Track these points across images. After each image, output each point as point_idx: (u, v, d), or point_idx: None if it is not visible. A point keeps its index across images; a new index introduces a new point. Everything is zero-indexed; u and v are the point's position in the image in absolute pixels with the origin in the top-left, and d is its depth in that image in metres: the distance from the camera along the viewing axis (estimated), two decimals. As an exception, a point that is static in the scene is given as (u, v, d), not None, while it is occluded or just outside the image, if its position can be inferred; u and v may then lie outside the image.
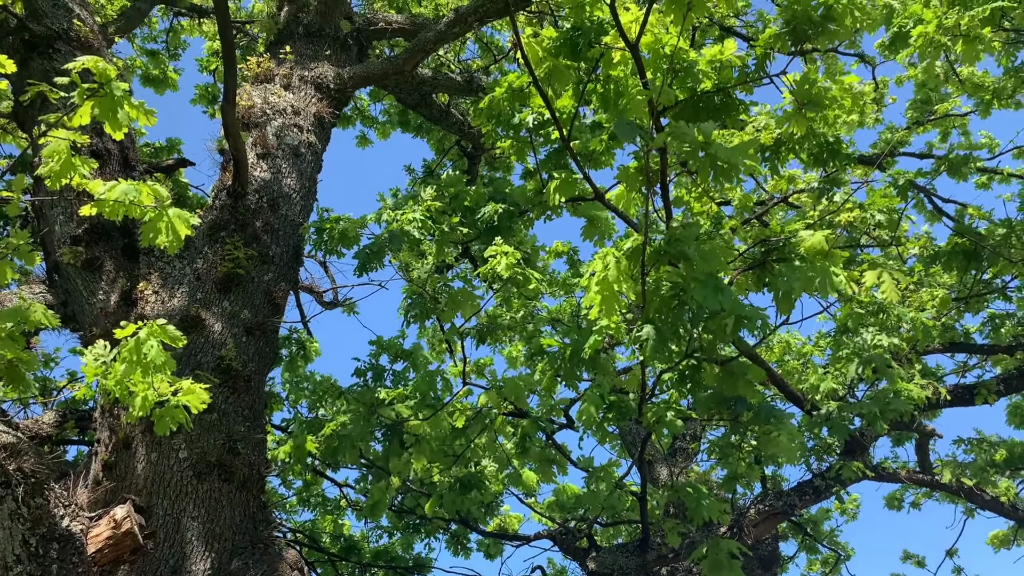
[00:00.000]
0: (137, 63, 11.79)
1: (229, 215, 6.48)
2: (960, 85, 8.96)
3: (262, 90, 7.53)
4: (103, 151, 6.50)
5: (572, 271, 9.62)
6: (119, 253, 6.29)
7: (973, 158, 8.99)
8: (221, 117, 6.18)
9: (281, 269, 6.58)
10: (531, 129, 6.13)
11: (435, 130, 12.60)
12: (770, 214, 9.02)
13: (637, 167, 5.27)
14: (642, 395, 5.11)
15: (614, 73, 5.76)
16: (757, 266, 6.11)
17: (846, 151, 5.84)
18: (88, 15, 7.14)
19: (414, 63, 8.16)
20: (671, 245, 4.22)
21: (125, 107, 3.84)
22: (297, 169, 7.12)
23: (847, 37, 5.19)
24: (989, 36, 6.40)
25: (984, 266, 8.14)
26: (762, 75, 5.49)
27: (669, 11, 5.14)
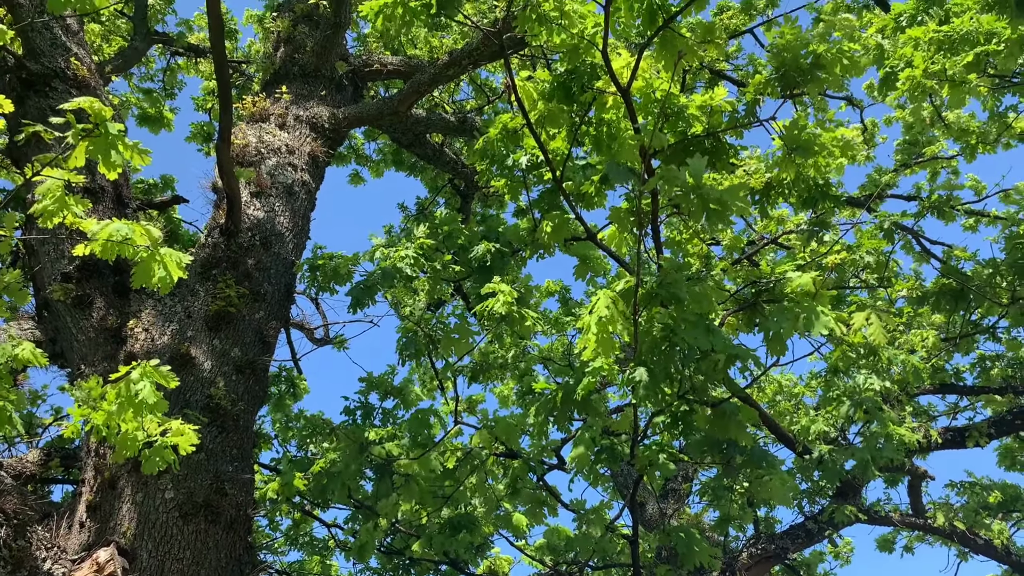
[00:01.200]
0: (133, 100, 11.87)
1: (222, 253, 6.48)
2: (946, 129, 9.11)
3: (257, 129, 7.58)
4: (97, 188, 6.51)
5: (564, 310, 9.63)
6: (110, 290, 6.27)
7: (955, 199, 9.11)
8: (216, 156, 6.21)
9: (273, 307, 6.57)
10: (524, 169, 6.19)
11: (428, 169, 12.69)
12: (760, 255, 9.09)
13: (628, 208, 5.32)
14: (634, 438, 5.09)
15: (606, 116, 5.84)
16: (747, 307, 6.14)
17: (835, 194, 5.91)
18: (86, 54, 7.20)
19: (408, 104, 8.25)
20: (663, 287, 4.24)
21: (119, 147, 3.86)
22: (290, 207, 7.15)
23: (836, 85, 5.28)
24: (975, 81, 6.53)
25: (972, 307, 8.20)
26: (752, 120, 5.57)
27: (660, 56, 5.23)
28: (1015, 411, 9.02)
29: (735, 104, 5.53)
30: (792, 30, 5.16)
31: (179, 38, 11.02)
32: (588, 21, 5.21)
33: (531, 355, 7.36)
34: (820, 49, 5.14)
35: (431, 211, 12.57)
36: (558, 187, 5.89)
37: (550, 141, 6.02)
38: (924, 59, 6.09)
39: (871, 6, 10.79)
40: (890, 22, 6.89)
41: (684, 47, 5.08)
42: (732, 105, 5.54)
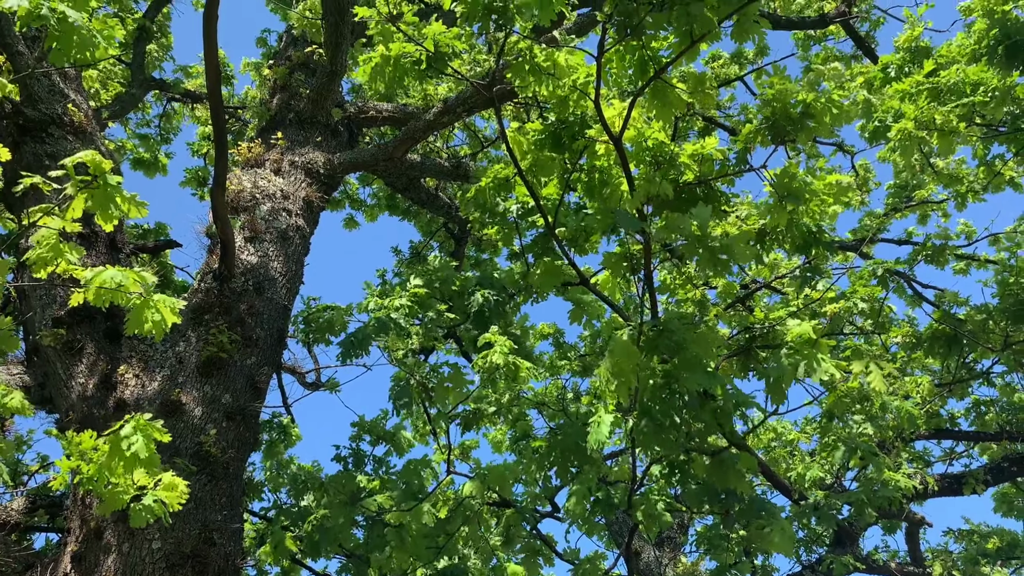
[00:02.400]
0: (128, 146, 11.94)
1: (214, 298, 6.46)
2: (936, 176, 9.22)
3: (252, 175, 7.62)
4: (91, 234, 6.51)
5: (558, 353, 9.61)
6: (101, 336, 6.22)
7: (951, 248, 9.19)
8: (210, 201, 6.23)
9: (265, 353, 6.53)
10: (517, 216, 6.22)
11: (422, 213, 12.76)
12: (754, 299, 9.11)
13: (621, 253, 5.34)
14: (631, 487, 5.03)
15: (598, 163, 5.90)
16: (742, 352, 6.14)
17: (827, 240, 5.95)
18: (83, 100, 7.26)
19: (403, 150, 8.32)
20: (664, 335, 4.24)
21: (118, 200, 3.88)
22: (284, 252, 7.15)
23: (826, 133, 5.34)
24: (964, 131, 6.63)
25: (965, 351, 8.22)
26: (744, 167, 5.62)
27: (652, 106, 5.30)
28: (1011, 458, 8.98)
29: (726, 152, 5.58)
30: (781, 80, 5.24)
31: (176, 84, 11.14)
32: (580, 71, 5.29)
33: (525, 399, 7.32)
34: (809, 98, 5.21)
35: (425, 255, 12.60)
36: (550, 233, 5.91)
37: (542, 188, 6.06)
38: (915, 111, 6.19)
39: (859, 56, 11.02)
40: (877, 74, 7.02)
41: (675, 98, 5.15)
42: (723, 153, 5.60)
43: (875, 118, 6.76)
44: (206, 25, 5.48)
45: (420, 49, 5.09)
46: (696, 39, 4.65)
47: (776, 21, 9.78)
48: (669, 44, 4.96)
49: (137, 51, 9.88)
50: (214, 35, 5.51)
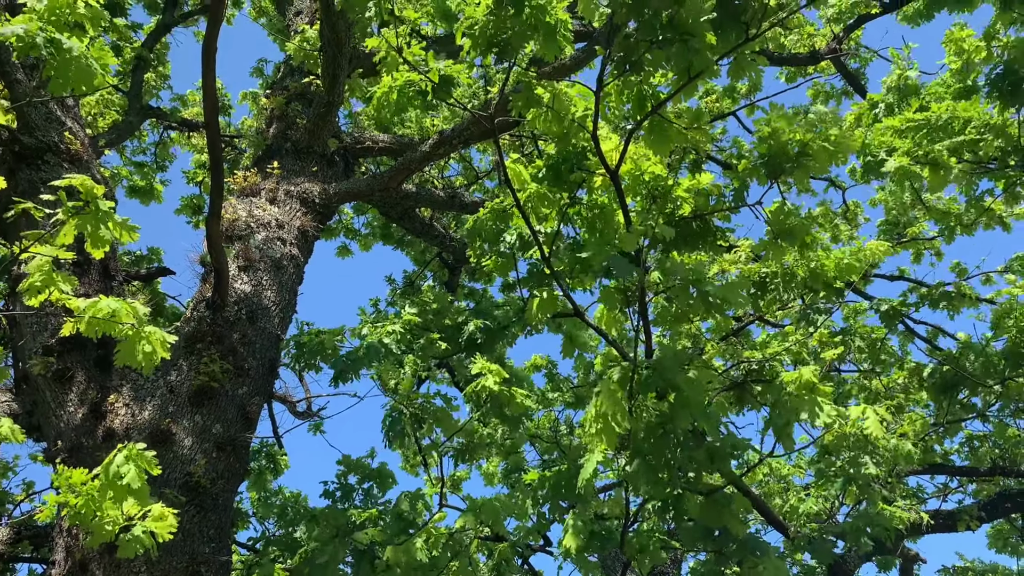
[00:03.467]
0: (124, 173, 11.94)
1: (207, 327, 6.42)
2: (927, 212, 9.30)
3: (247, 203, 7.62)
4: (84, 261, 6.47)
5: (551, 385, 9.56)
6: (91, 364, 6.16)
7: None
8: (205, 229, 6.21)
9: (256, 383, 6.48)
10: (514, 248, 6.23)
11: (417, 242, 12.77)
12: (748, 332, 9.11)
13: (617, 288, 5.34)
14: (625, 524, 4.98)
15: (597, 199, 5.93)
16: (736, 387, 6.12)
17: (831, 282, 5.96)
18: (79, 128, 7.26)
19: (399, 181, 8.35)
20: (658, 375, 4.23)
21: (109, 224, 3.86)
22: (278, 282, 7.12)
23: (822, 171, 5.38)
24: (953, 164, 6.69)
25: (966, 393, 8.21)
26: (740, 203, 5.65)
27: (649, 141, 5.34)
28: (1005, 494, 8.95)
29: (721, 188, 5.62)
30: (778, 118, 5.29)
31: (173, 113, 11.18)
32: (579, 105, 5.33)
33: (519, 432, 7.26)
34: (807, 138, 5.25)
35: (419, 285, 12.59)
36: (547, 266, 5.92)
37: (541, 222, 6.08)
38: (910, 146, 6.25)
39: (850, 92, 11.17)
40: (867, 109, 7.10)
41: (673, 133, 5.19)
42: (719, 189, 5.64)
43: (867, 152, 6.82)
44: (205, 55, 5.51)
45: (425, 79, 5.13)
46: (694, 76, 4.70)
47: (769, 57, 9.92)
48: (667, 80, 5.01)
49: (135, 80, 9.92)
50: (212, 65, 5.54)
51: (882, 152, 6.52)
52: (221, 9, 5.53)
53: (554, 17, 4.52)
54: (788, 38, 11.43)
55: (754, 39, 4.64)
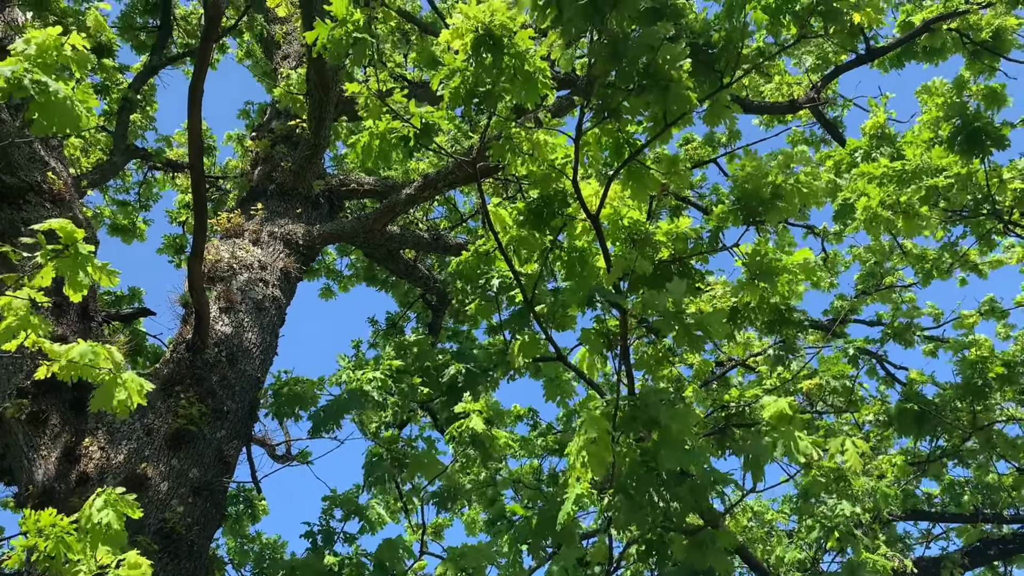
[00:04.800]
0: (106, 212, 11.92)
1: (186, 369, 6.36)
2: (904, 257, 9.45)
3: (230, 244, 7.62)
4: (62, 302, 6.43)
5: (534, 433, 9.51)
6: (66, 407, 6.07)
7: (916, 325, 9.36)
8: (187, 271, 6.20)
9: (235, 426, 6.41)
10: (496, 291, 6.26)
11: (400, 284, 12.77)
12: (728, 377, 9.15)
13: (599, 330, 5.37)
14: (608, 568, 4.94)
15: (577, 243, 5.99)
16: (719, 431, 6.13)
17: (795, 319, 6.03)
18: (63, 168, 7.27)
19: (383, 223, 8.39)
20: (641, 411, 4.24)
21: (88, 268, 3.85)
22: (259, 323, 7.09)
23: (794, 214, 5.48)
24: (927, 213, 6.83)
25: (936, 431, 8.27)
26: (717, 245, 5.74)
27: (627, 186, 5.43)
28: (988, 541, 8.94)
29: (699, 231, 5.70)
30: (752, 162, 5.40)
31: (158, 154, 11.22)
32: (559, 152, 5.42)
33: (502, 479, 7.20)
34: (779, 180, 5.36)
35: (402, 326, 12.56)
36: (529, 309, 5.95)
37: (523, 263, 6.13)
38: (880, 192, 6.39)
39: (828, 140, 11.40)
40: (846, 157, 7.25)
41: (650, 179, 5.28)
42: (697, 232, 5.72)
43: (840, 197, 6.96)
44: (191, 98, 5.56)
45: (407, 126, 5.20)
46: (670, 122, 4.80)
47: (747, 106, 10.13)
48: (644, 128, 5.11)
49: (120, 120, 9.97)
50: (198, 108, 5.59)
51: (854, 196, 6.66)
52: (208, 53, 5.60)
53: (533, 66, 4.61)
54: (767, 87, 11.69)
55: (728, 87, 4.76)
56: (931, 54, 9.92)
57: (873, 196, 6.68)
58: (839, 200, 7.52)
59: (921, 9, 10.00)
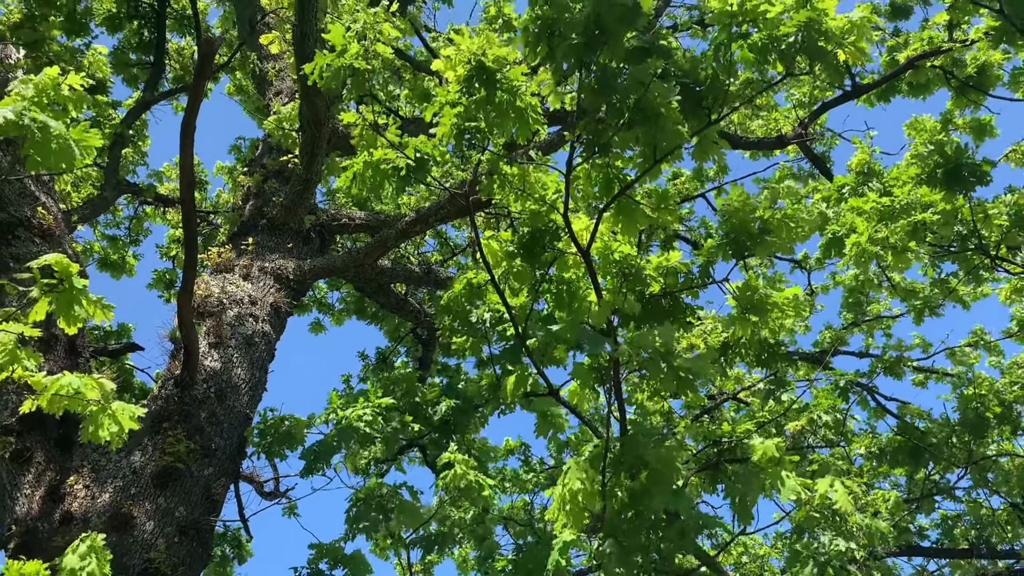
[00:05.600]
0: (96, 247, 11.89)
1: (174, 406, 6.30)
2: (892, 290, 9.50)
3: (221, 280, 7.60)
4: (50, 337, 6.38)
5: (525, 468, 9.43)
6: (52, 444, 6.00)
7: (906, 359, 9.39)
8: (177, 306, 6.17)
9: (223, 463, 6.33)
10: (487, 325, 6.24)
11: (390, 317, 12.73)
12: (719, 411, 9.13)
13: (590, 365, 5.35)
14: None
15: (567, 275, 6.00)
16: (710, 467, 6.09)
17: (785, 353, 6.04)
18: (53, 203, 7.26)
19: (374, 257, 8.39)
20: (629, 452, 4.21)
21: (83, 303, 3.84)
22: (249, 359, 7.05)
23: (783, 248, 5.52)
24: (915, 248, 6.89)
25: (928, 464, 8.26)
26: (707, 280, 5.76)
27: (618, 221, 5.45)
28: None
29: (689, 266, 5.73)
30: (740, 197, 5.44)
31: (149, 189, 11.23)
32: (550, 188, 5.45)
33: (492, 516, 7.11)
34: (767, 215, 5.40)
35: (392, 360, 12.50)
36: (521, 343, 5.93)
37: (513, 297, 6.12)
38: (868, 227, 6.44)
39: (816, 175, 11.53)
40: (834, 192, 7.33)
41: (640, 213, 5.31)
42: (687, 267, 5.74)
43: (829, 230, 7.02)
44: (183, 135, 5.58)
45: (402, 156, 5.22)
46: (660, 157, 4.84)
47: (736, 142, 10.24)
48: (634, 163, 5.16)
49: (112, 155, 10.00)
50: (191, 145, 5.61)
51: (843, 231, 6.71)
52: (201, 91, 5.63)
53: (524, 101, 4.66)
54: (755, 122, 11.84)
55: (716, 123, 4.82)
56: (916, 89, 10.09)
57: (861, 231, 6.73)
58: (827, 233, 7.58)
59: (906, 47, 10.19)
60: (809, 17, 4.31)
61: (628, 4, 4.31)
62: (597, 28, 4.38)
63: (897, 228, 6.58)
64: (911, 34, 10.42)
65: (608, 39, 4.46)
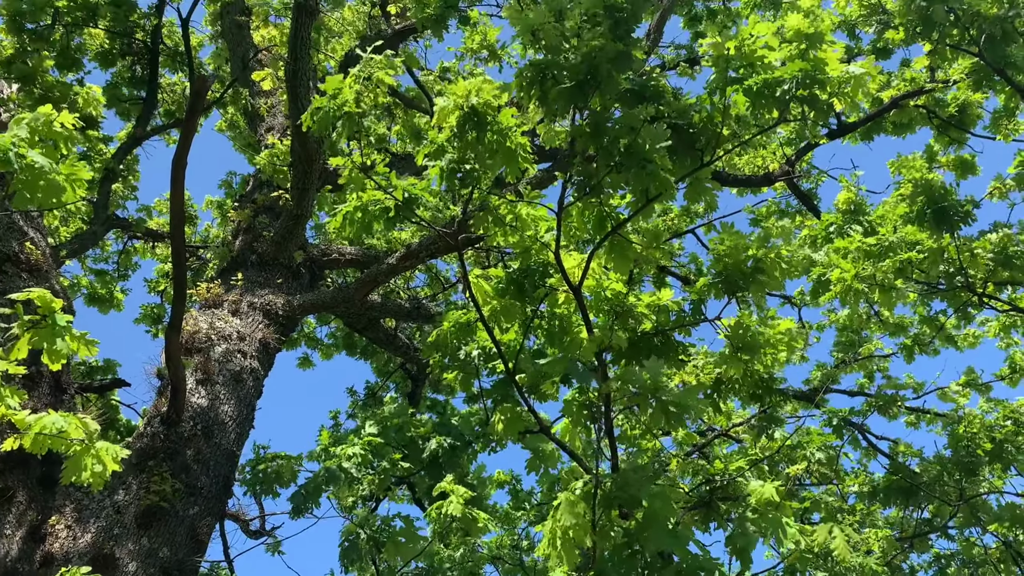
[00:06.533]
0: (83, 282, 11.81)
1: (160, 443, 6.22)
2: (882, 325, 9.55)
3: (209, 315, 7.55)
4: (35, 374, 6.30)
5: (514, 503, 9.33)
6: (34, 483, 5.89)
7: (901, 398, 9.41)
8: (164, 343, 6.12)
9: (209, 502, 6.23)
10: (477, 361, 6.21)
11: (380, 353, 12.67)
12: (712, 447, 9.08)
13: (581, 402, 5.32)
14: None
15: (558, 311, 5.99)
16: (703, 506, 6.04)
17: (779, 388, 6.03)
18: (41, 238, 7.22)
19: (364, 293, 8.37)
20: (621, 490, 4.16)
21: (66, 339, 3.79)
22: (236, 396, 6.98)
23: (776, 287, 5.53)
24: (902, 286, 6.93)
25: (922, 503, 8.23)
26: (699, 318, 5.77)
27: (609, 259, 5.47)
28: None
29: (681, 304, 5.73)
30: (732, 237, 5.47)
31: (138, 224, 11.19)
32: (542, 225, 5.46)
33: (481, 554, 7.01)
34: (760, 253, 5.43)
35: (381, 396, 12.41)
36: (511, 380, 5.89)
37: (503, 334, 6.10)
38: (855, 267, 6.49)
39: (803, 211, 11.63)
40: (820, 231, 7.38)
41: (632, 251, 5.33)
42: (678, 305, 5.75)
43: (816, 272, 7.07)
44: (175, 172, 5.58)
45: (390, 197, 5.24)
46: (651, 198, 4.87)
47: (724, 179, 10.34)
48: (626, 202, 5.19)
49: (102, 191, 9.98)
50: (182, 182, 5.60)
51: (829, 272, 6.76)
52: (193, 129, 5.65)
53: (514, 142, 4.69)
54: (742, 159, 11.96)
55: (708, 165, 4.86)
56: (900, 128, 10.25)
57: (848, 270, 6.77)
58: (815, 275, 7.62)
59: (888, 87, 10.37)
60: (808, 67, 4.37)
61: (619, 49, 4.36)
62: (588, 73, 4.44)
63: (884, 266, 6.64)
64: (893, 74, 10.62)
65: (599, 83, 4.51)
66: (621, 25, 4.44)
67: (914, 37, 8.21)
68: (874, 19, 9.30)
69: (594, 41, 4.41)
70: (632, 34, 4.51)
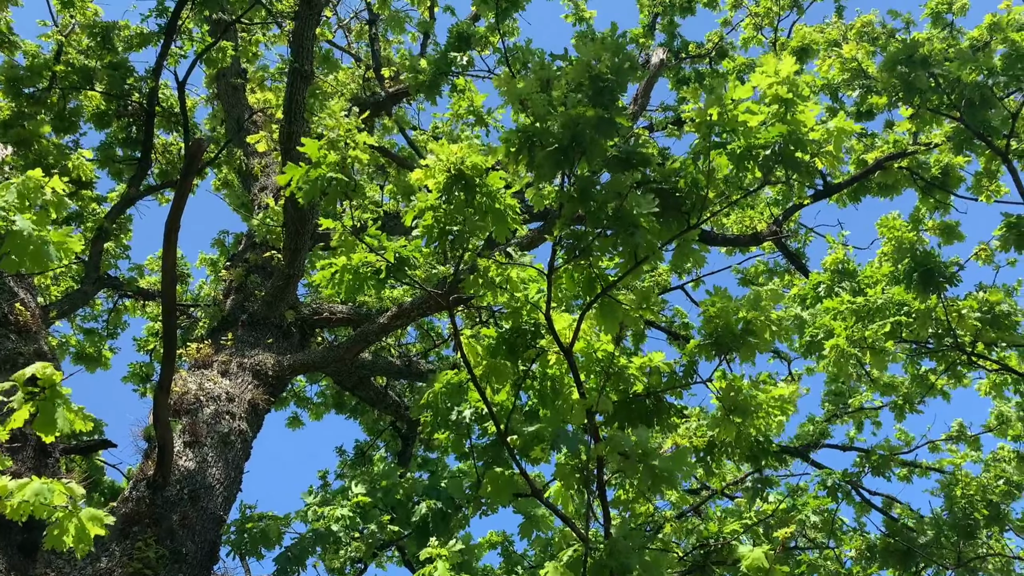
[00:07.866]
0: (72, 341, 11.73)
1: (145, 508, 6.11)
2: (872, 384, 9.56)
3: (198, 376, 7.50)
4: (19, 435, 6.20)
5: (506, 565, 9.14)
6: (14, 550, 5.75)
7: (896, 458, 9.39)
8: (152, 405, 6.06)
9: (194, 569, 6.09)
10: (469, 422, 6.17)
11: (369, 411, 12.57)
12: (705, 507, 8.98)
13: (573, 466, 5.28)
14: None
15: (550, 372, 5.99)
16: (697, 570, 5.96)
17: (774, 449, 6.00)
18: (31, 298, 7.20)
19: (355, 352, 8.35)
20: (613, 557, 4.11)
21: (65, 412, 3.77)
22: (224, 458, 6.89)
23: (766, 348, 5.55)
24: (893, 348, 6.98)
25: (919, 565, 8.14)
26: (691, 380, 5.77)
27: (600, 320, 5.49)
28: None
29: (672, 366, 5.74)
30: (722, 299, 5.51)
31: (129, 283, 11.19)
32: (532, 287, 5.50)
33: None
34: (750, 316, 5.46)
35: (370, 455, 12.26)
36: (502, 442, 5.85)
37: (495, 394, 6.08)
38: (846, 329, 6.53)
39: (792, 270, 11.74)
40: (809, 291, 7.45)
41: (622, 313, 5.35)
42: (670, 366, 5.75)
43: (807, 333, 7.11)
44: (167, 234, 5.60)
45: (381, 259, 5.27)
46: (639, 261, 4.92)
47: (712, 239, 10.46)
48: (616, 264, 5.23)
49: (94, 250, 10.00)
50: (174, 244, 5.62)
51: (821, 333, 6.81)
52: (187, 191, 5.69)
53: (503, 203, 4.75)
54: (730, 219, 12.12)
55: (695, 227, 4.92)
56: (885, 189, 10.44)
57: (839, 333, 6.82)
58: (806, 336, 7.66)
59: (873, 148, 10.60)
60: (787, 131, 4.47)
61: (601, 116, 4.46)
62: (572, 139, 4.52)
63: (874, 328, 6.69)
64: (877, 136, 10.87)
65: (584, 149, 4.59)
66: (605, 93, 4.54)
67: (896, 102, 8.43)
68: (856, 83, 9.55)
69: (577, 108, 4.50)
70: (616, 102, 4.61)
